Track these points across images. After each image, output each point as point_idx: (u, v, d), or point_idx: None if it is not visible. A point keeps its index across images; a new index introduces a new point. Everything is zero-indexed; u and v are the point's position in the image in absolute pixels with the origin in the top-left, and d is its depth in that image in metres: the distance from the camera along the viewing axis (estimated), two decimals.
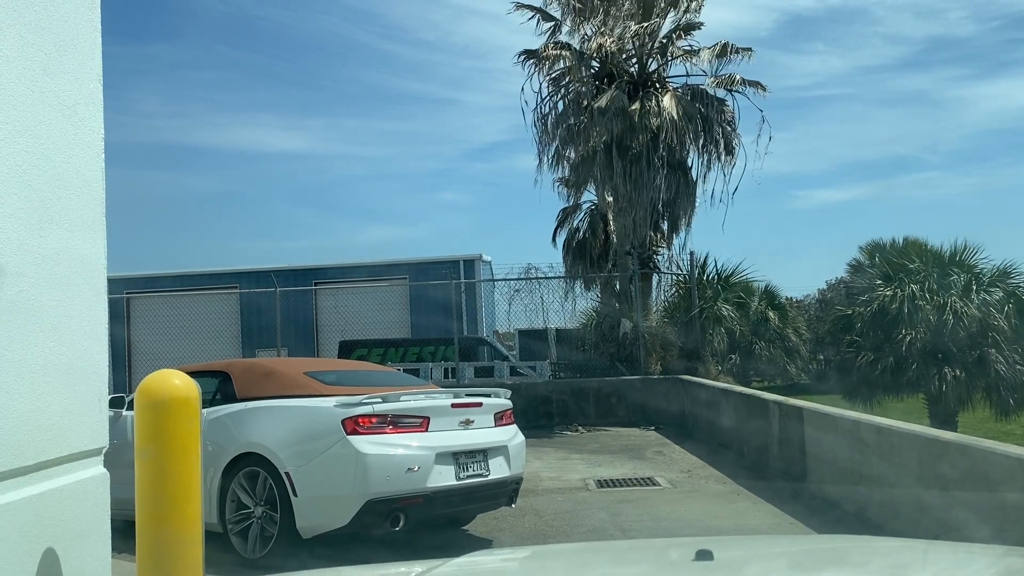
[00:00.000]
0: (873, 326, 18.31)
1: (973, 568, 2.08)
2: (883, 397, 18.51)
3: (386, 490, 5.43)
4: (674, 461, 10.43)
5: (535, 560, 2.59)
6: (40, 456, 2.81)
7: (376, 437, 5.51)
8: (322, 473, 5.48)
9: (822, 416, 7.72)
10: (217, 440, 5.96)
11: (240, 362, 6.75)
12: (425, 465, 5.57)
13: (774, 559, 2.34)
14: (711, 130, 15.23)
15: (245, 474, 5.79)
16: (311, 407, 5.75)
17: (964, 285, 17.94)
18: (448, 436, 5.82)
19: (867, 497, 6.62)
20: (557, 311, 17.06)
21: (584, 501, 8.15)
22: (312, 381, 6.09)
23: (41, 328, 2.77)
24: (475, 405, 6.14)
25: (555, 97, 16.53)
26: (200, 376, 6.84)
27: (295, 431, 5.69)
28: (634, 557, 2.48)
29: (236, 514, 5.80)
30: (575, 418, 14.38)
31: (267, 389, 6.10)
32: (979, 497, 5.00)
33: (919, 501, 5.76)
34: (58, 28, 2.95)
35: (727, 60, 15.56)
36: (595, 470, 9.94)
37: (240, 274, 26.95)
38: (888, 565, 2.15)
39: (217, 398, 6.31)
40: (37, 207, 2.77)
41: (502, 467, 6.15)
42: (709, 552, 1.94)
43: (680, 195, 15.05)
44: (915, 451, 5.90)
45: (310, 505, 5.47)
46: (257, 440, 5.76)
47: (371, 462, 5.41)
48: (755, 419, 9.69)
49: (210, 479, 5.86)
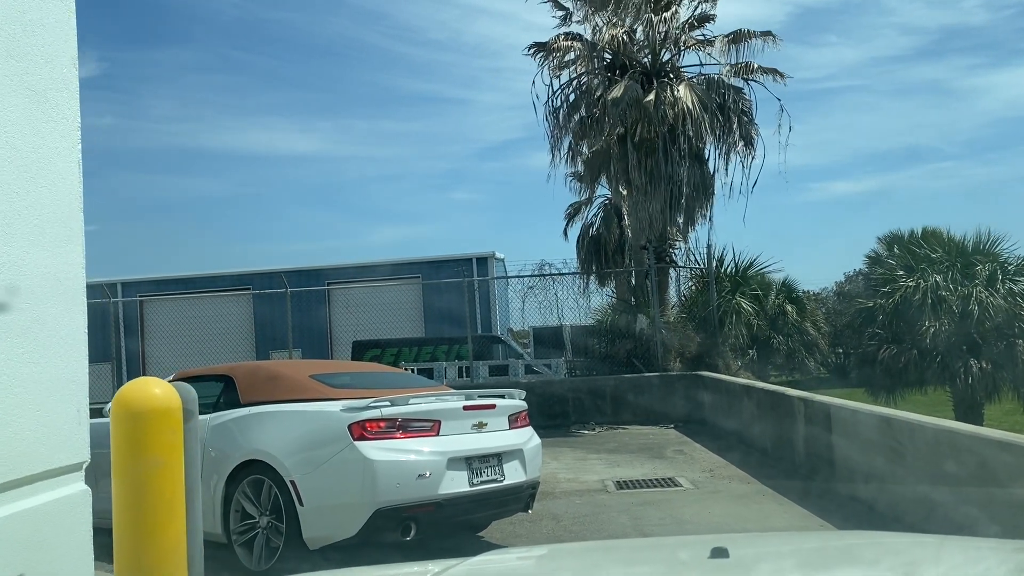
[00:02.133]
0: (896, 318, 17.96)
1: (985, 565, 2.07)
2: (906, 390, 18.17)
3: (396, 498, 5.17)
4: (695, 460, 10.14)
5: (550, 559, 2.60)
6: (13, 474, 2.56)
7: (385, 442, 5.25)
8: (329, 481, 5.23)
9: (851, 413, 7.40)
10: (220, 447, 5.73)
11: (244, 365, 6.50)
12: (436, 471, 5.31)
13: (786, 557, 2.34)
14: (728, 120, 14.86)
15: (249, 482, 5.55)
16: (316, 412, 5.50)
17: (989, 275, 17.57)
18: (460, 440, 5.55)
19: (902, 497, 6.30)
20: (572, 308, 16.82)
21: (603, 504, 7.87)
22: (318, 384, 5.83)
23: (8, 336, 2.52)
24: (488, 407, 5.87)
25: (567, 90, 16.23)
26: (203, 380, 6.66)
27: (300, 437, 5.44)
28: (649, 556, 2.50)
29: (240, 524, 5.56)
30: (592, 416, 14.14)
31: (272, 393, 5.85)
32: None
33: (960, 503, 5.44)
34: (24, 6, 2.71)
35: (743, 47, 15.18)
36: (614, 470, 9.66)
37: (253, 276, 26.83)
38: (900, 563, 2.13)
39: (221, 403, 6.08)
40: (1, 202, 2.53)
41: (518, 472, 5.88)
42: (724, 550, 1.94)
43: (697, 187, 14.70)
44: (954, 449, 5.57)
45: (317, 515, 5.21)
46: (261, 447, 5.52)
47: (379, 469, 5.15)
48: (779, 416, 9.38)
49: (213, 487, 5.63)
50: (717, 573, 1.92)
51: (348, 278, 26.48)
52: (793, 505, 7.37)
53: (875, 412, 6.97)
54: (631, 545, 3.46)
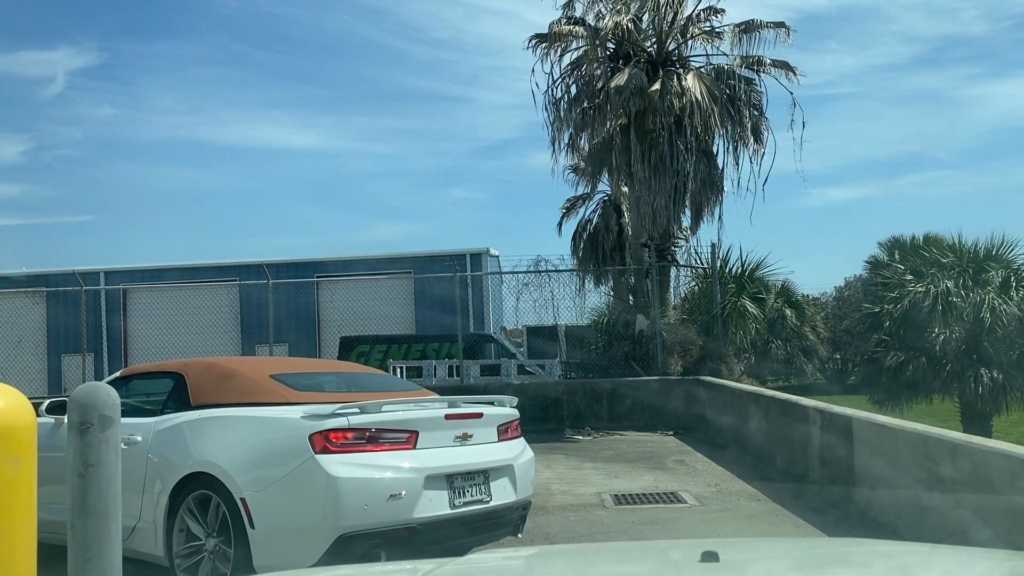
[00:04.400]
0: (904, 324, 17.35)
1: (977, 570, 2.08)
2: (913, 399, 17.55)
3: (363, 522, 4.42)
4: (699, 472, 9.42)
5: (539, 559, 2.59)
6: None
7: (352, 456, 4.50)
8: (285, 500, 4.47)
9: (876, 428, 6.69)
10: (165, 455, 4.98)
11: (197, 362, 5.69)
12: (412, 491, 4.56)
13: (778, 559, 2.38)
14: (739, 112, 14.09)
15: (195, 498, 4.78)
16: (272, 418, 4.74)
17: (1002, 281, 16.94)
18: (441, 454, 4.80)
19: (938, 527, 5.57)
20: (568, 307, 16.13)
21: (600, 522, 7.14)
22: (278, 386, 5.04)
23: None
24: (474, 416, 5.11)
25: (568, 79, 15.46)
26: (153, 377, 5.91)
27: (253, 448, 4.67)
28: (640, 556, 2.52)
29: (185, 546, 4.80)
30: (587, 421, 13.46)
31: (225, 395, 5.08)
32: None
33: (1008, 531, 4.71)
34: None
35: (754, 37, 14.39)
36: (611, 482, 8.94)
37: (240, 267, 26.08)
38: (892, 566, 2.16)
39: (169, 404, 5.32)
40: None
41: (507, 491, 5.13)
42: (715, 553, 1.95)
43: (704, 182, 13.92)
44: (1014, 476, 4.84)
45: (270, 539, 4.45)
46: (208, 457, 4.75)
47: (345, 487, 4.40)
48: (791, 428, 8.66)
49: (156, 503, 4.89)
50: (709, 574, 1.92)
51: (338, 272, 25.70)
52: (811, 529, 6.66)
53: (907, 428, 6.23)
54: (621, 548, 3.45)
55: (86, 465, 3.43)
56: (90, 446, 3.44)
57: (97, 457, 3.43)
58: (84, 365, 15.88)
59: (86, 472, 3.43)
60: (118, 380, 5.92)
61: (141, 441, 5.12)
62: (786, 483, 8.41)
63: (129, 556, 5.12)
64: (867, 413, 7.36)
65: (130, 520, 4.99)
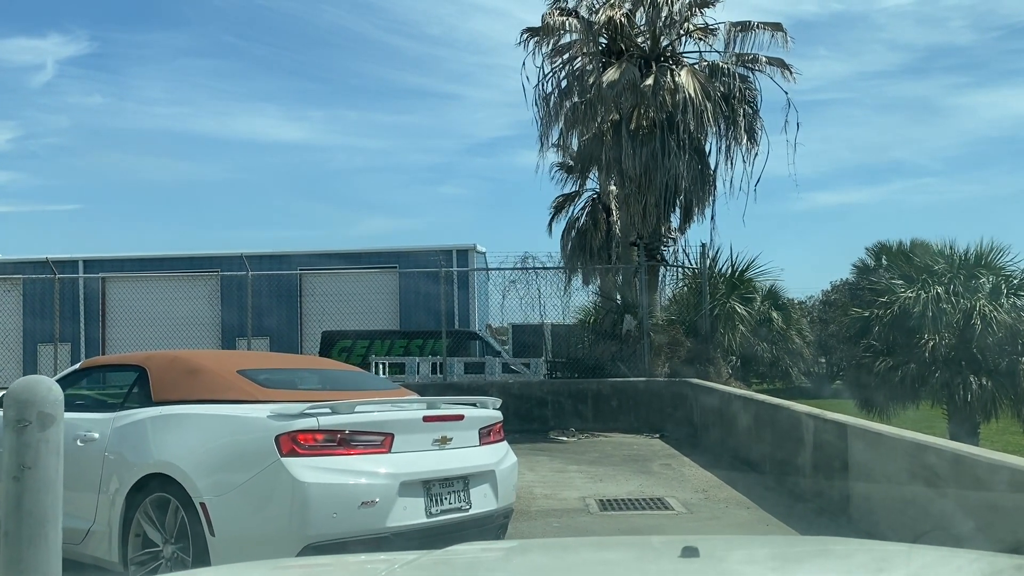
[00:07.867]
0: (893, 330, 17.17)
1: (956, 564, 2.13)
2: (901, 405, 17.40)
3: (332, 531, 4.12)
4: (686, 478, 9.16)
5: (519, 552, 2.63)
6: None
7: (321, 460, 4.19)
8: (248, 506, 4.16)
9: (873, 436, 6.44)
10: (122, 454, 4.66)
11: (160, 355, 5.35)
12: (385, 498, 4.26)
13: (757, 552, 2.43)
14: (733, 111, 13.82)
15: (153, 501, 4.46)
16: (236, 417, 4.42)
17: (992, 288, 16.81)
18: (418, 459, 4.50)
19: (936, 526, 5.34)
20: (555, 305, 15.85)
21: (585, 528, 6.88)
22: (244, 382, 4.71)
23: None
24: (455, 418, 4.81)
25: (559, 73, 15.17)
26: (113, 370, 5.57)
27: (215, 449, 4.35)
28: (618, 546, 2.64)
29: (141, 552, 4.48)
30: (571, 422, 13.20)
31: (188, 391, 4.74)
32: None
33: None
34: None
35: (749, 37, 14.14)
36: (596, 486, 8.68)
37: (222, 258, 25.55)
38: (871, 559, 2.20)
39: (129, 399, 4.99)
40: None
41: (487, 498, 4.83)
42: (695, 549, 1.98)
43: (696, 181, 13.63)
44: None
45: (231, 548, 4.12)
46: (167, 458, 4.43)
47: (312, 494, 4.10)
48: (782, 434, 8.41)
49: (111, 505, 4.56)
50: (689, 564, 1.94)
51: (321, 265, 25.30)
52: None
53: (906, 438, 5.98)
54: (600, 542, 3.47)
55: (22, 468, 3.12)
56: (27, 446, 3.13)
57: (35, 459, 3.11)
58: (56, 355, 15.43)
59: (22, 475, 3.12)
60: (78, 372, 5.59)
61: (98, 438, 4.80)
62: (775, 489, 8.18)
63: (83, 561, 4.82)
64: (861, 420, 7.13)
65: (84, 523, 4.68)
